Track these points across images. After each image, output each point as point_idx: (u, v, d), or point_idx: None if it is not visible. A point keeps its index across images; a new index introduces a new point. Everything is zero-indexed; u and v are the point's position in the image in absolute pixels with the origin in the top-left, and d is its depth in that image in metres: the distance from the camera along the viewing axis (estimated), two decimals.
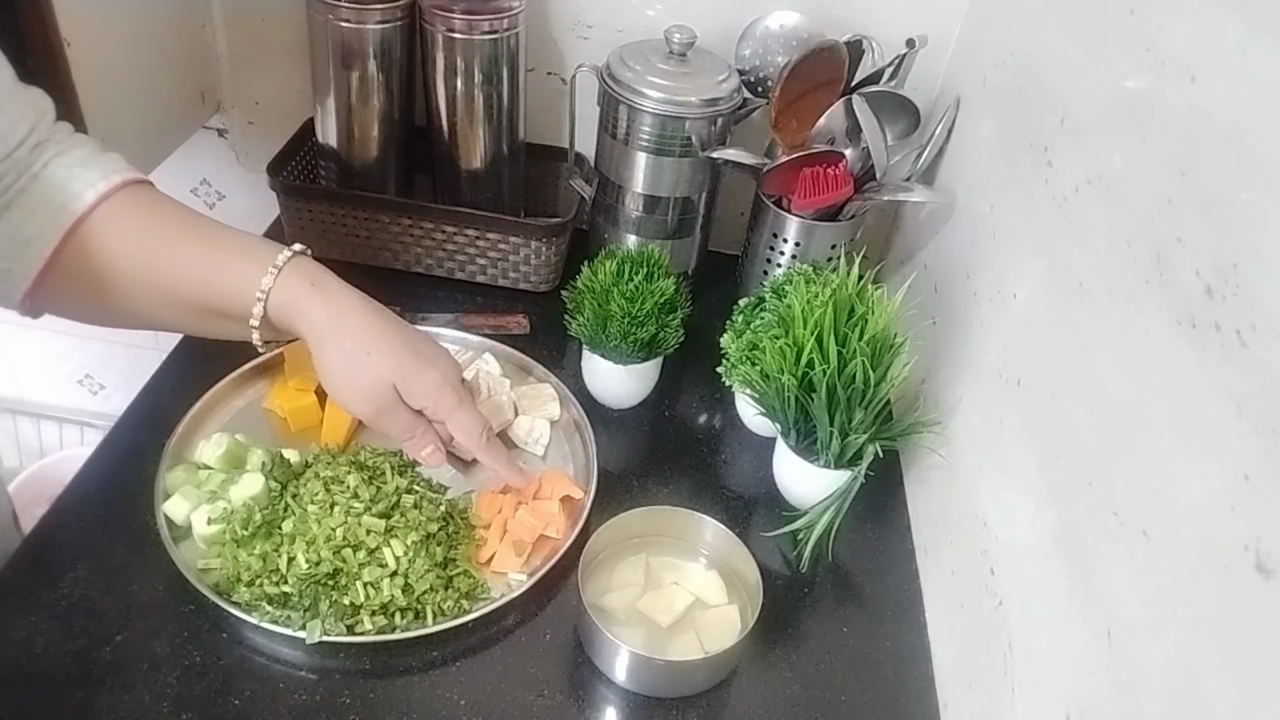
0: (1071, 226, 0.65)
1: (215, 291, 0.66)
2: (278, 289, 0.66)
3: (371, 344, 0.68)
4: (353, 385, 0.68)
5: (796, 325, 0.78)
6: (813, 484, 0.80)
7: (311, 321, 0.67)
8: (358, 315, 0.68)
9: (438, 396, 0.70)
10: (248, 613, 0.67)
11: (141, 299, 0.66)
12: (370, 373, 0.68)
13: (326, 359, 0.67)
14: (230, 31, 1.11)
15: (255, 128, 1.19)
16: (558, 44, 1.06)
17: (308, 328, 0.67)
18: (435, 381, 0.70)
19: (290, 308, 0.66)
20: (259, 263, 0.66)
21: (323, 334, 0.67)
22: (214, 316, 0.68)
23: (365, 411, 0.69)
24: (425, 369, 0.69)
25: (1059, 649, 0.57)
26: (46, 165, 0.62)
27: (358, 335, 0.67)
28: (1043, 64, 0.76)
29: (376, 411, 0.69)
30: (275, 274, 0.65)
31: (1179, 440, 0.48)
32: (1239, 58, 0.48)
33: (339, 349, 0.67)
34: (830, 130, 0.92)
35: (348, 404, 0.69)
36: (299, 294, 0.66)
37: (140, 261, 0.65)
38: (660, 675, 0.68)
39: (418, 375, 0.69)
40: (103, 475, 0.77)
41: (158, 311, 0.68)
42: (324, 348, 0.67)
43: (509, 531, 0.76)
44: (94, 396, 1.64)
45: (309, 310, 0.67)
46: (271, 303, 0.66)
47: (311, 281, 0.67)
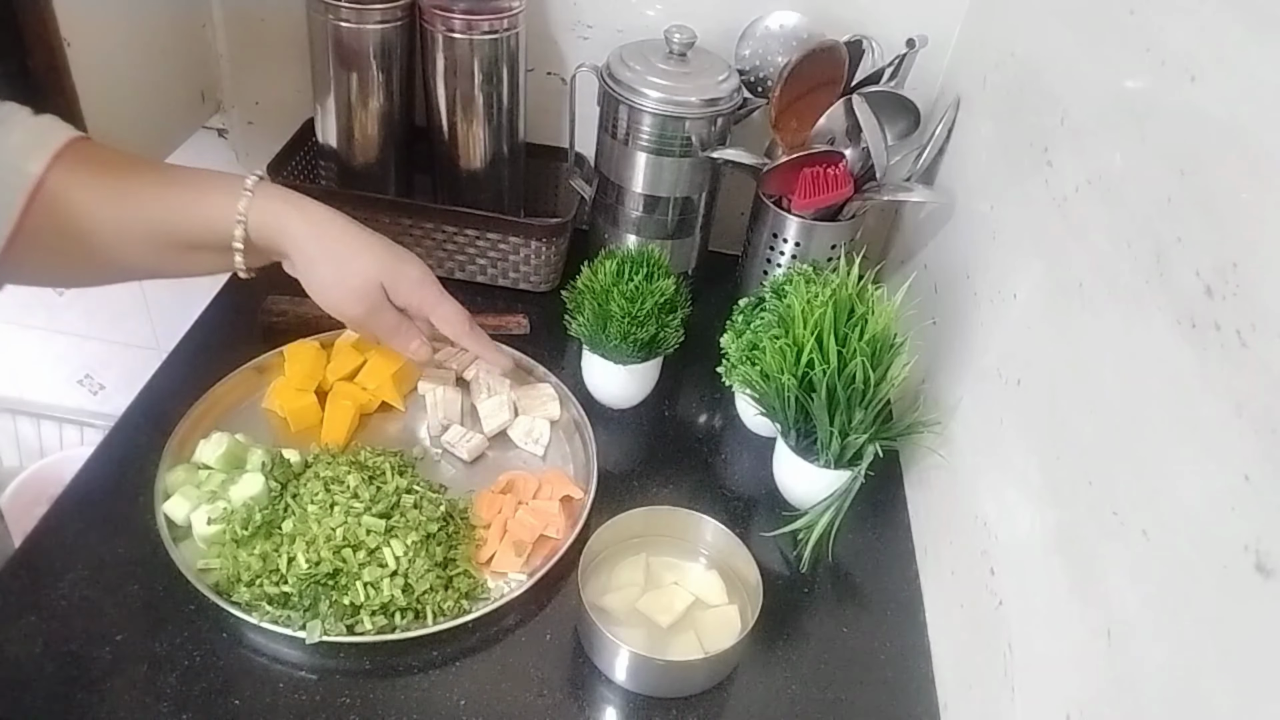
0: (1071, 226, 0.65)
1: (192, 224, 0.68)
2: (255, 210, 0.68)
3: (357, 249, 0.72)
4: (344, 288, 0.72)
5: (796, 325, 0.78)
6: (813, 484, 0.80)
7: (295, 235, 0.70)
8: (338, 225, 0.72)
9: (422, 291, 0.75)
10: (248, 613, 0.67)
11: (117, 247, 0.67)
12: (360, 274, 0.72)
13: (317, 268, 0.71)
14: (230, 31, 1.11)
15: (255, 128, 1.19)
16: (558, 44, 1.06)
17: (292, 242, 0.70)
18: (417, 277, 0.75)
19: (272, 226, 0.69)
20: (229, 190, 0.68)
21: (308, 245, 0.70)
22: (193, 251, 0.70)
23: (357, 312, 0.73)
24: (405, 267, 0.75)
25: (1059, 649, 0.57)
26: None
27: (343, 242, 0.71)
28: (1043, 64, 0.76)
29: (367, 312, 0.73)
30: (249, 197, 0.68)
31: (1179, 440, 0.48)
32: (1239, 58, 0.48)
33: (327, 256, 0.71)
34: (830, 130, 0.92)
35: (340, 307, 0.73)
36: (278, 212, 0.69)
37: (110, 210, 0.66)
38: (660, 675, 0.68)
39: (401, 274, 0.74)
40: (103, 475, 0.77)
41: (135, 257, 0.69)
42: (312, 258, 0.71)
43: (509, 531, 0.76)
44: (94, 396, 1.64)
45: (291, 225, 0.69)
46: (252, 224, 0.68)
47: (284, 199, 0.70)
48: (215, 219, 0.68)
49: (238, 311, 0.95)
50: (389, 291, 0.74)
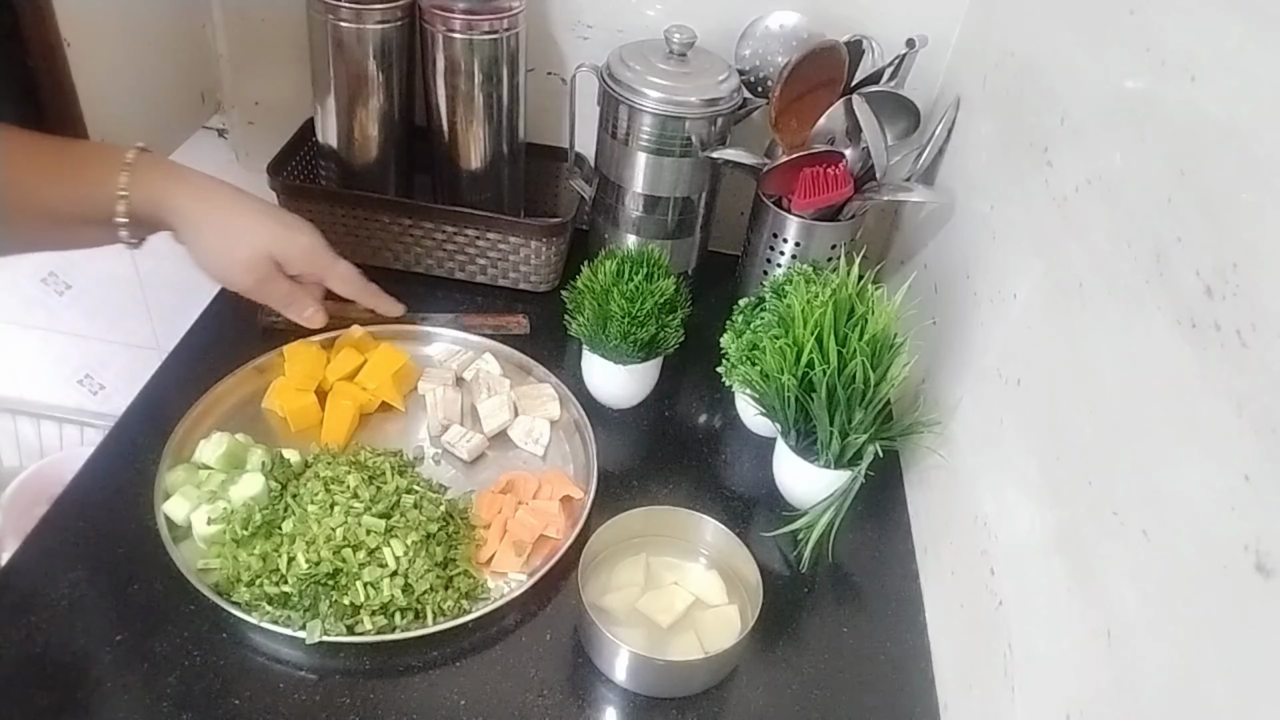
0: (1071, 226, 0.65)
1: (74, 201, 0.67)
2: (137, 184, 0.67)
3: (243, 219, 0.72)
4: (232, 258, 0.71)
5: (796, 325, 0.78)
6: (813, 484, 0.80)
7: (177, 208, 0.69)
8: (223, 195, 0.71)
9: (313, 257, 0.75)
10: (248, 613, 0.67)
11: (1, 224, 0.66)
12: (248, 245, 0.72)
13: (204, 239, 0.70)
14: (230, 31, 1.11)
15: (255, 128, 1.19)
16: (558, 44, 1.06)
17: (176, 215, 0.69)
18: (307, 245, 0.75)
19: (154, 201, 0.68)
20: (110, 164, 0.67)
21: (194, 217, 0.69)
22: (78, 225, 0.69)
23: (246, 283, 0.73)
24: (295, 235, 0.74)
25: (1059, 649, 0.57)
26: None
27: (229, 212, 0.71)
28: (1043, 64, 0.76)
29: (257, 282, 0.73)
30: (130, 171, 0.67)
31: (1179, 440, 0.48)
32: (1239, 58, 0.48)
33: (214, 228, 0.70)
34: (830, 130, 0.92)
35: (228, 277, 0.72)
36: (160, 186, 0.68)
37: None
38: (660, 675, 0.68)
39: (291, 242, 0.74)
40: (103, 475, 0.77)
41: (19, 233, 0.68)
42: (198, 229, 0.69)
43: (509, 531, 0.76)
44: (94, 396, 1.64)
45: (174, 198, 0.68)
46: (135, 198, 0.67)
47: (166, 172, 0.69)
48: (98, 196, 0.67)
49: (238, 311, 0.95)
50: (280, 262, 0.74)
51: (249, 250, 0.72)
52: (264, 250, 0.72)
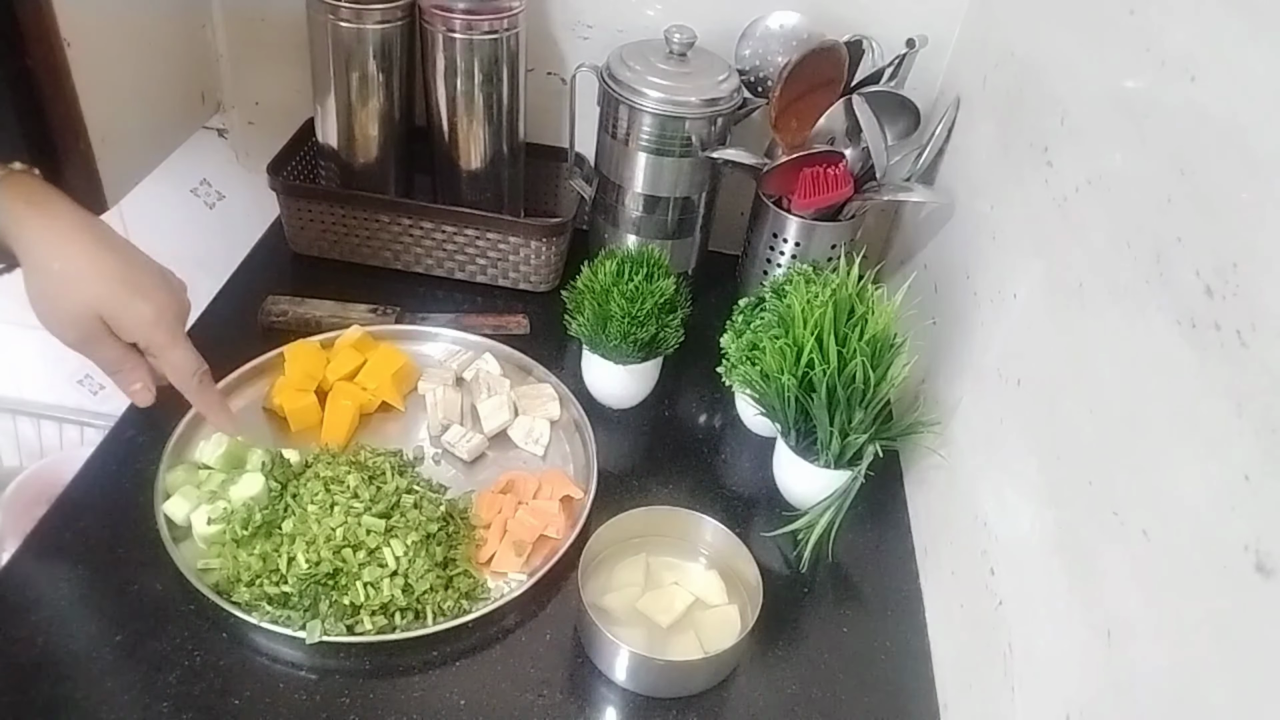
0: (1071, 226, 0.65)
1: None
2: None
3: (80, 271, 0.64)
4: (55, 310, 0.65)
5: (796, 325, 0.78)
6: (813, 484, 0.80)
7: (23, 238, 0.63)
8: (74, 239, 0.65)
9: (149, 332, 0.67)
10: (248, 613, 0.67)
11: None
12: (75, 300, 0.64)
13: (37, 280, 0.64)
14: (230, 31, 1.11)
15: (255, 128, 1.19)
16: (558, 44, 1.06)
17: (20, 245, 0.63)
18: (146, 317, 0.66)
19: (6, 220, 0.62)
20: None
21: (36, 252, 0.63)
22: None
23: (68, 339, 0.66)
24: (136, 302, 0.66)
25: (1059, 649, 0.57)
26: None
27: (68, 260, 0.64)
28: (1043, 64, 0.76)
29: (80, 341, 0.66)
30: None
31: (1179, 440, 0.48)
32: (1239, 58, 0.48)
33: (45, 272, 0.64)
34: (830, 130, 0.92)
35: (51, 329, 0.66)
36: (12, 212, 0.63)
37: None
38: (660, 675, 0.68)
39: (125, 309, 0.66)
40: (103, 475, 0.77)
41: None
42: (35, 268, 0.64)
43: (509, 531, 0.76)
44: (94, 396, 1.64)
45: (21, 229, 0.63)
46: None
47: (28, 199, 0.64)
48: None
49: (238, 311, 0.95)
50: (111, 326, 0.66)
51: (73, 305, 0.64)
52: (90, 309, 0.64)
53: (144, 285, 0.67)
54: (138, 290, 0.66)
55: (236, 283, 1.01)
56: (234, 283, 1.01)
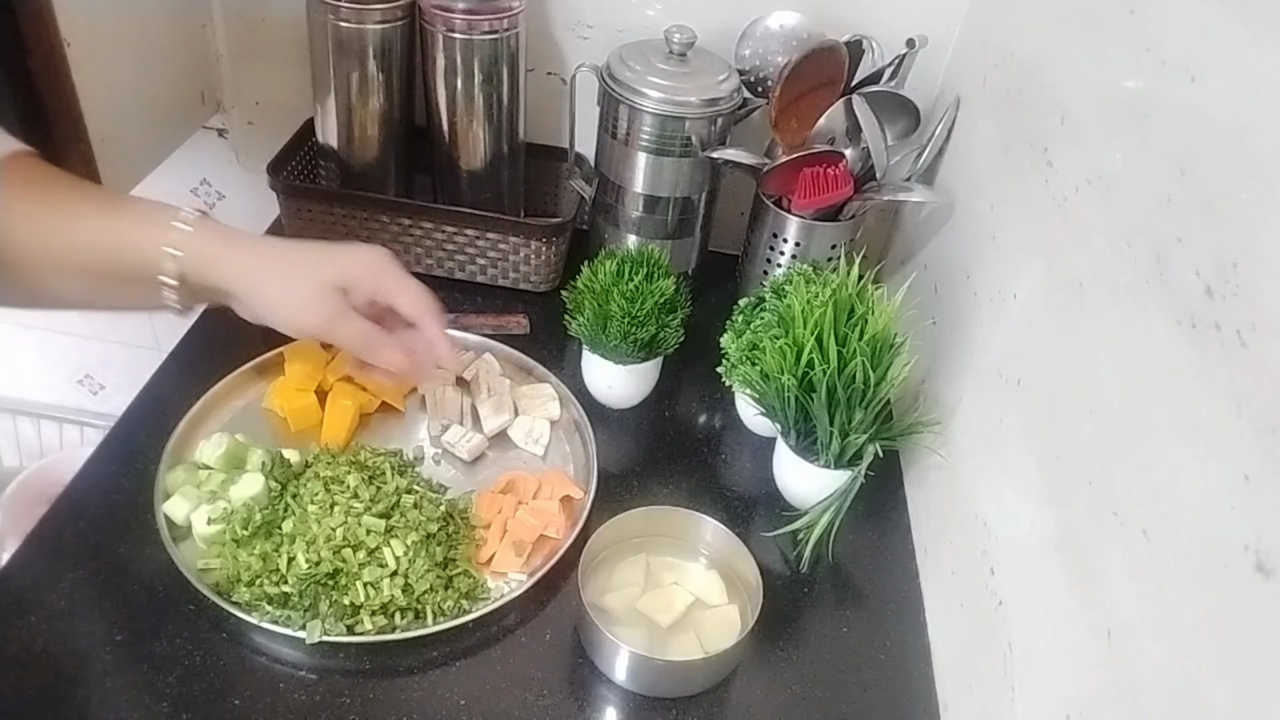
0: (1071, 226, 0.65)
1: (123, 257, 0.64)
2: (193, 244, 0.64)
3: (302, 257, 0.68)
4: (299, 299, 0.67)
5: (796, 325, 0.78)
6: (813, 484, 0.80)
7: (233, 263, 0.65)
8: (279, 243, 0.69)
9: (381, 275, 0.70)
10: (248, 613, 0.67)
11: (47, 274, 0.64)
12: (312, 280, 0.67)
13: (264, 287, 0.66)
14: (230, 31, 1.11)
15: (255, 128, 1.19)
16: (558, 44, 1.06)
17: (231, 272, 0.65)
18: (374, 260, 0.70)
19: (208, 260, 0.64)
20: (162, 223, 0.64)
21: (251, 269, 0.66)
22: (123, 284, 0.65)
23: (317, 321, 0.67)
24: (357, 253, 0.70)
25: (1059, 649, 0.57)
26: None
27: (285, 255, 0.68)
28: (1043, 64, 0.76)
29: (328, 319, 0.67)
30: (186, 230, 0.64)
31: (1179, 440, 0.48)
32: (1239, 58, 0.48)
33: (271, 273, 0.66)
34: (830, 130, 0.92)
35: (298, 320, 0.67)
36: (214, 246, 0.65)
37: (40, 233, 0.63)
38: (660, 675, 0.68)
39: (356, 261, 0.69)
40: (103, 475, 0.77)
41: (64, 286, 0.65)
42: (257, 280, 0.66)
43: (509, 531, 0.76)
44: (94, 396, 1.64)
45: (229, 256, 0.65)
46: (188, 258, 0.64)
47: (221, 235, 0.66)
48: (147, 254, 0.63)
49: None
50: (349, 286, 0.68)
51: (311, 284, 0.67)
52: (328, 279, 0.67)
53: (353, 246, 0.72)
54: (353, 248, 0.71)
55: None
56: None
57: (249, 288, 0.66)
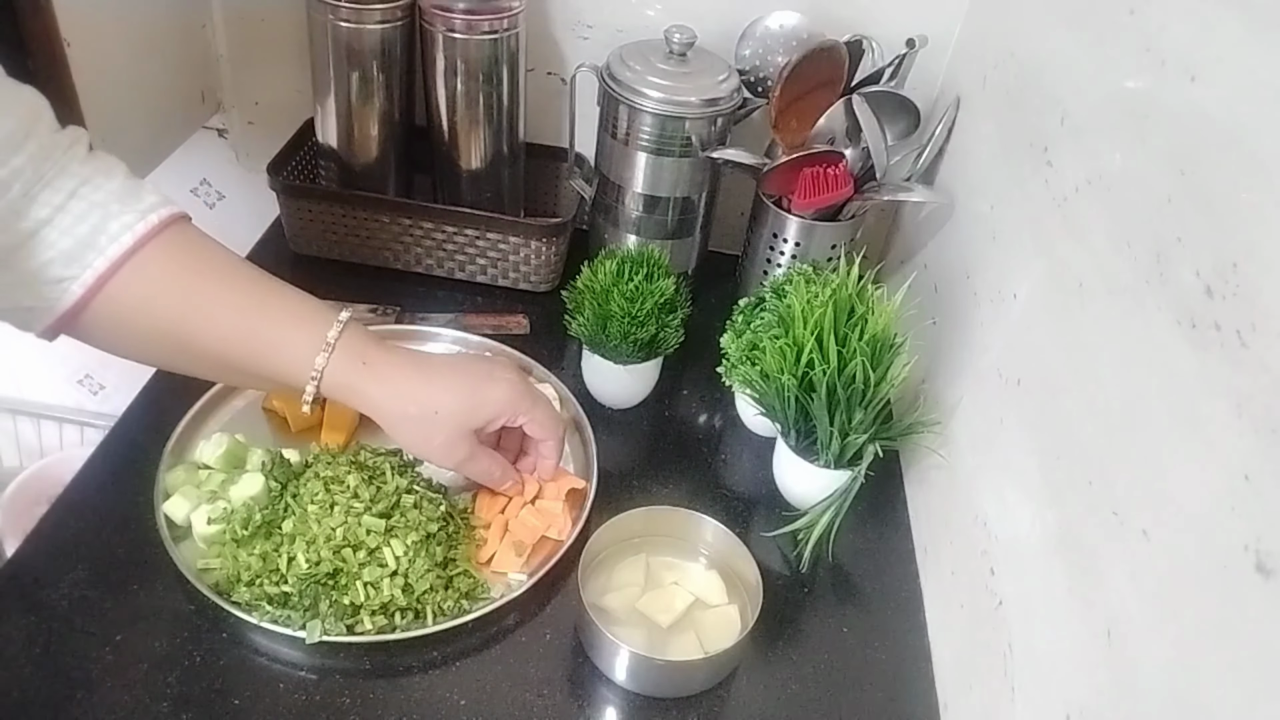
0: (1071, 226, 0.65)
1: (262, 363, 0.64)
2: (331, 368, 0.64)
3: (441, 398, 0.68)
4: (435, 447, 0.69)
5: (796, 325, 0.78)
6: (813, 484, 0.80)
7: (370, 399, 0.66)
8: (413, 380, 0.68)
9: (516, 406, 0.71)
10: (248, 613, 0.67)
11: (179, 356, 0.64)
12: (448, 429, 0.68)
13: (400, 433, 0.68)
14: (230, 31, 1.11)
15: (255, 128, 1.19)
16: (558, 44, 1.06)
17: (368, 406, 0.67)
18: (503, 396, 0.70)
19: (345, 389, 0.65)
20: (311, 337, 0.64)
21: (387, 412, 0.67)
22: (259, 380, 0.68)
23: (451, 464, 0.71)
24: (497, 393, 0.70)
25: (1059, 649, 0.57)
26: (74, 195, 0.58)
27: (420, 401, 0.67)
28: (1043, 64, 0.76)
29: (460, 463, 0.71)
30: (328, 353, 0.64)
31: (1179, 440, 0.48)
32: (1239, 58, 0.48)
33: (407, 420, 0.68)
34: (830, 130, 0.92)
35: (433, 459, 0.71)
36: (352, 375, 0.65)
37: (178, 318, 0.62)
38: (660, 675, 0.68)
39: (494, 403, 0.70)
40: (103, 475, 0.77)
41: (196, 367, 0.66)
42: (393, 424, 0.68)
43: (509, 531, 0.76)
44: (94, 396, 1.64)
45: (366, 390, 0.66)
46: (325, 383, 0.65)
47: (363, 360, 0.66)
48: (288, 367, 0.64)
49: None
50: (481, 425, 0.70)
51: (447, 433, 0.68)
52: (464, 427, 0.69)
53: (485, 372, 0.71)
54: (484, 383, 0.70)
55: None
56: None
57: (385, 424, 0.68)
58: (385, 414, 0.67)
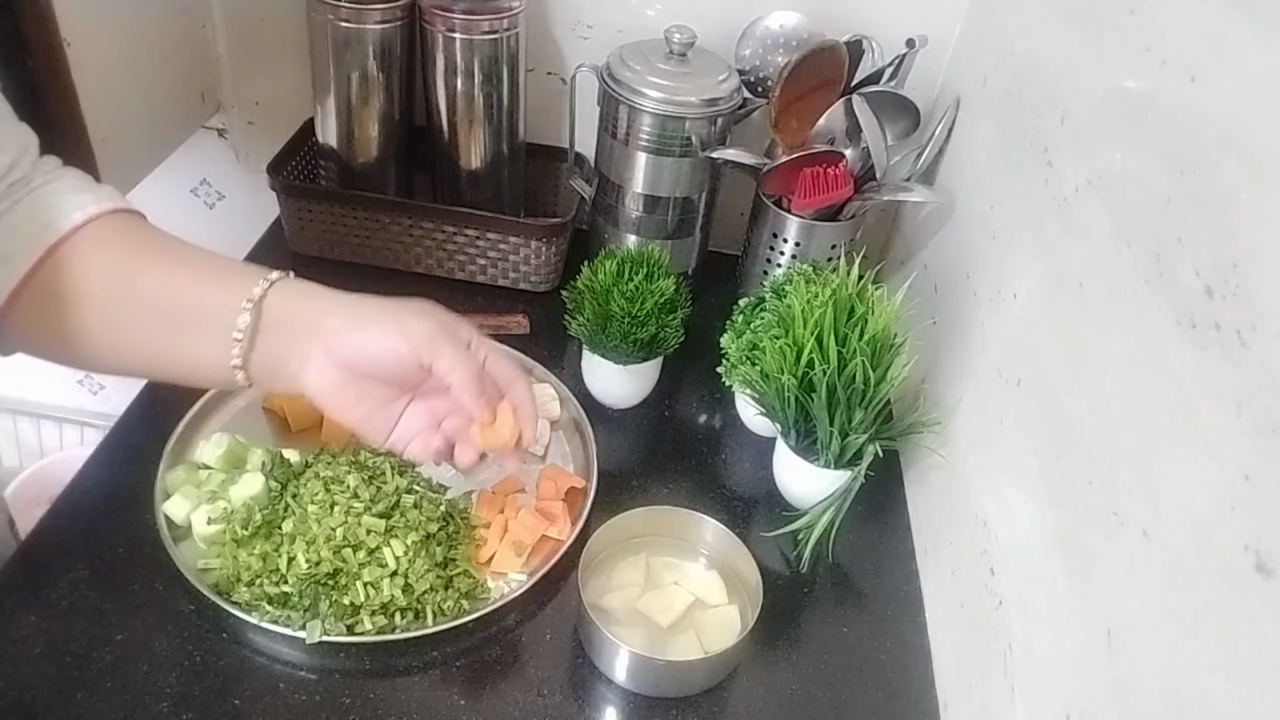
0: (1071, 226, 0.65)
1: (194, 305, 0.59)
2: (274, 293, 0.59)
3: (405, 310, 0.62)
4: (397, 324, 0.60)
5: (796, 325, 0.78)
6: (813, 484, 0.80)
7: (324, 303, 0.60)
8: (363, 296, 0.62)
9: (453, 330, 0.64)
10: (248, 613, 0.67)
11: (115, 327, 0.60)
12: (413, 303, 0.63)
13: (366, 314, 0.60)
14: (230, 31, 1.11)
15: (255, 128, 1.19)
16: (558, 44, 1.06)
17: (321, 309, 0.60)
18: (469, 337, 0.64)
19: (293, 304, 0.59)
20: (246, 279, 0.59)
21: (346, 306, 0.60)
22: (189, 342, 0.60)
23: (428, 328, 0.61)
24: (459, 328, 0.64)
25: (1059, 649, 0.57)
26: (34, 190, 0.59)
27: (385, 307, 0.61)
28: (1043, 64, 0.76)
29: (437, 330, 0.61)
30: (266, 285, 0.59)
31: (1179, 440, 0.48)
32: (1239, 58, 0.48)
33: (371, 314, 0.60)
34: (830, 130, 0.92)
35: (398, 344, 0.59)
36: (297, 299, 0.60)
37: (118, 284, 0.59)
38: (660, 675, 0.68)
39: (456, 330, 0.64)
40: (103, 475, 0.77)
41: (129, 341, 0.61)
42: (353, 315, 0.60)
43: (509, 531, 0.76)
44: (94, 396, 1.64)
45: (318, 299, 0.60)
46: (270, 302, 0.58)
47: (305, 290, 0.61)
48: (222, 305, 0.58)
49: None
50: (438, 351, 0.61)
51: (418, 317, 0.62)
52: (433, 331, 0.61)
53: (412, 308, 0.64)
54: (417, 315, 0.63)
55: None
56: None
57: (341, 323, 0.59)
58: (343, 309, 0.60)
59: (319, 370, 0.59)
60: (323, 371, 0.59)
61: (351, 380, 0.60)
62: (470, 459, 0.65)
